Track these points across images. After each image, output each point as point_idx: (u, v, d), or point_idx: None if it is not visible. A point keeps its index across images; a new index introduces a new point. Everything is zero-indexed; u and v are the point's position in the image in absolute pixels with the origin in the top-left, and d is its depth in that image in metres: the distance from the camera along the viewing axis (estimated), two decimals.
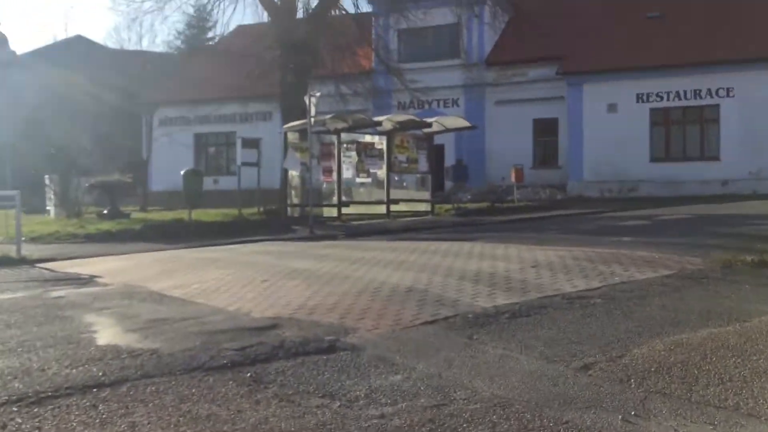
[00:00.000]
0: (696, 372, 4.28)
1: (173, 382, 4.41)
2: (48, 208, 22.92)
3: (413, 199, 20.30)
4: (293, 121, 18.21)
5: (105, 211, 17.76)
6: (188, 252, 12.22)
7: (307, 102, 16.10)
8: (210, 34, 42.22)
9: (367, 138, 19.50)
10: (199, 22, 45.68)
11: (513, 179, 22.27)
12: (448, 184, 27.41)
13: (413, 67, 28.10)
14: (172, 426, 3.67)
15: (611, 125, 27.38)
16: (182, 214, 17.01)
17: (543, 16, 31.08)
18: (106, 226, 15.67)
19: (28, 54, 48.99)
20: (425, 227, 17.08)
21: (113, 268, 10.51)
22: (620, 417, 3.61)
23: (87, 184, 18.23)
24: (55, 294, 8.18)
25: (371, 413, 3.78)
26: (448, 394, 4.04)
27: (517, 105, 29.53)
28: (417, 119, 19.32)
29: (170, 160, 32.05)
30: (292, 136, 18.00)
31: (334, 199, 18.61)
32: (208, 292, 7.63)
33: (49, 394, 4.20)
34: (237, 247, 13.12)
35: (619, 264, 8.18)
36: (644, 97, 27.31)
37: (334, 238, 15.41)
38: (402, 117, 19.41)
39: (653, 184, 26.91)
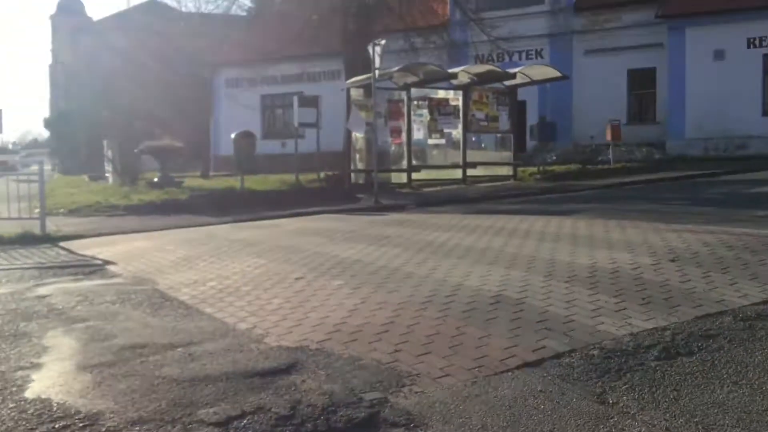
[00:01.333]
0: None
1: None
2: (107, 174, 21.72)
3: (493, 162, 17.83)
4: (357, 76, 16.00)
5: (156, 179, 16.14)
6: (229, 229, 10.32)
7: (371, 52, 13.84)
8: None
9: (441, 94, 17.09)
10: None
11: (609, 137, 19.39)
12: (531, 144, 24.66)
13: (492, 15, 25.19)
14: None
15: (718, 75, 23.87)
16: (237, 182, 15.19)
17: None
18: (152, 195, 14.01)
19: (104, 19, 48.44)
20: (508, 195, 14.67)
21: (135, 249, 8.70)
22: None
23: (135, 150, 16.63)
24: (41, 291, 6.37)
25: None
26: None
27: (609, 54, 26.26)
28: (498, 70, 16.73)
29: (236, 123, 30.37)
30: (356, 93, 15.82)
31: (404, 164, 16.40)
32: (223, 295, 5.63)
33: None
34: (287, 221, 11.13)
35: None
36: (756, 42, 23.61)
37: (401, 209, 13.24)
38: (480, 68, 16.82)
39: (765, 141, 23.40)
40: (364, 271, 6.06)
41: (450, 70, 15.83)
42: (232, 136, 14.54)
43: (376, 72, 13.89)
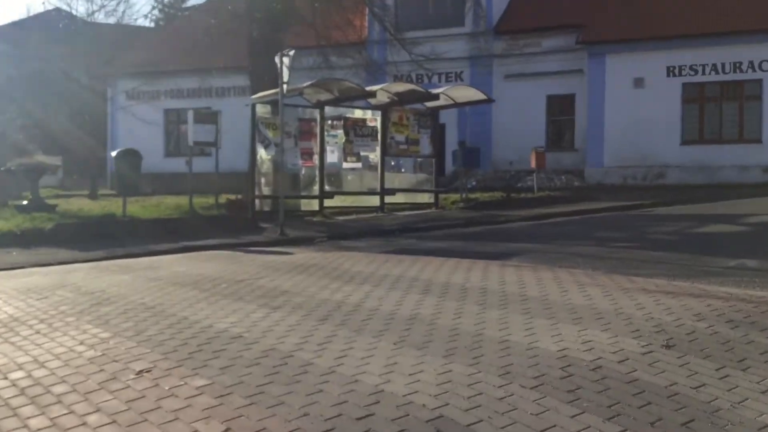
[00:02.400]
0: None
1: None
2: None
3: (413, 189, 16.25)
4: (264, 91, 14.10)
5: (25, 202, 13.65)
6: (90, 272, 8.17)
7: (278, 63, 12.00)
8: (188, 3, 37.78)
9: (358, 113, 15.39)
10: None
11: (533, 164, 18.19)
12: (451, 169, 23.33)
13: (411, 36, 23.79)
14: None
15: (637, 102, 23.33)
16: (124, 205, 12.92)
17: None
18: (12, 223, 11.60)
19: (2, 27, 44.53)
20: (430, 227, 13.08)
21: None
22: None
23: (1, 168, 14.08)
24: None
25: None
26: None
27: (529, 79, 25.40)
28: (420, 90, 15.18)
29: (136, 138, 27.85)
30: (262, 110, 13.91)
31: (316, 189, 14.57)
32: (21, 402, 3.63)
33: None
34: (169, 260, 9.08)
35: None
36: (676, 71, 23.24)
37: (310, 242, 11.40)
38: (401, 86, 15.21)
39: (684, 170, 22.97)
40: (242, 358, 4.18)
41: (368, 88, 14.16)
42: (113, 154, 12.34)
43: (284, 86, 12.05)
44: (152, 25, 41.26)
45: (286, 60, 11.88)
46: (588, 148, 24.20)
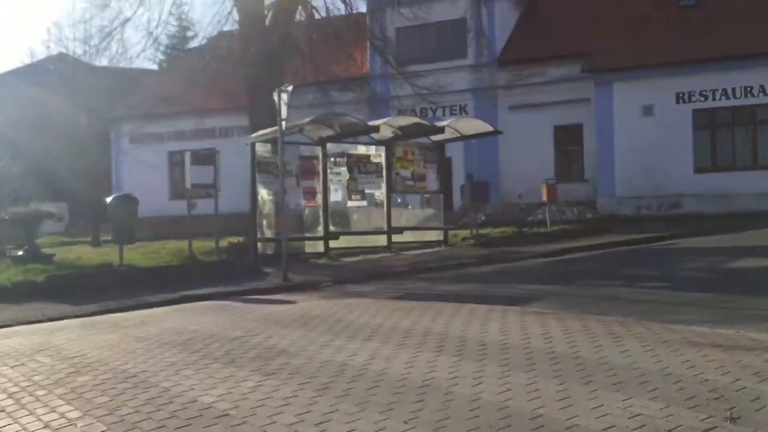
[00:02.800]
0: None
1: None
2: None
3: (421, 227, 15.63)
4: (264, 129, 13.60)
5: (20, 252, 13.08)
6: (76, 330, 7.55)
7: (276, 100, 11.50)
8: (191, 44, 37.75)
9: (361, 149, 14.85)
10: (180, 31, 41.40)
11: (544, 197, 17.55)
12: (459, 204, 22.71)
13: (414, 69, 23.41)
14: None
15: (647, 130, 22.72)
16: (120, 254, 12.31)
17: (560, 9, 26.57)
18: (4, 276, 11.01)
19: (6, 73, 44.63)
20: (441, 267, 12.40)
21: None
22: None
23: None
24: None
25: None
26: None
27: (534, 110, 24.90)
28: (425, 123, 14.62)
29: (142, 182, 27.54)
30: (262, 149, 13.38)
31: (320, 230, 13.97)
32: None
33: None
34: (162, 313, 8.44)
35: None
36: (686, 97, 22.67)
37: (315, 287, 10.75)
38: (405, 120, 14.67)
39: (699, 199, 22.22)
40: None
41: (371, 123, 13.63)
42: (108, 200, 11.80)
43: (283, 123, 11.53)
44: (155, 67, 41.24)
45: (284, 96, 11.38)
46: (599, 179, 23.55)
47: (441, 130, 14.33)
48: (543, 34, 25.43)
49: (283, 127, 11.72)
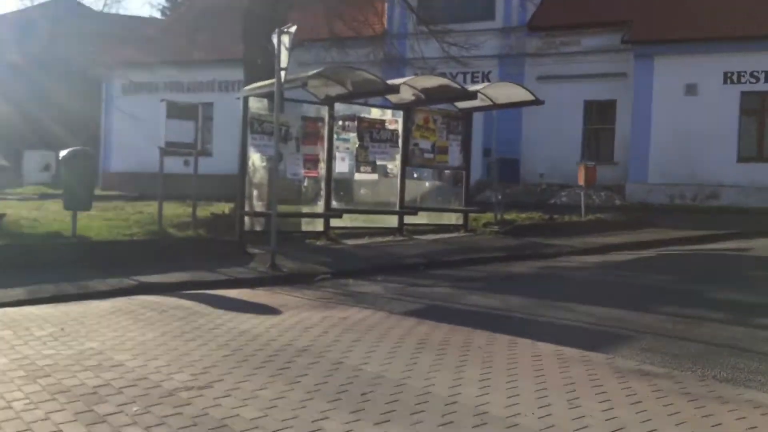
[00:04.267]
0: None
1: None
2: None
3: (439, 208, 13.20)
4: (260, 81, 11.09)
5: None
6: None
7: (275, 44, 9.00)
8: None
9: (375, 113, 12.33)
10: None
11: (581, 181, 15.05)
12: (474, 179, 20.20)
13: (435, 29, 20.80)
14: None
15: (688, 112, 20.17)
16: (73, 223, 9.90)
17: None
18: None
19: (7, 15, 41.79)
20: (463, 260, 10.03)
21: None
22: None
23: None
24: None
25: None
26: None
27: (564, 82, 22.28)
28: (454, 85, 11.99)
29: (134, 135, 24.98)
30: (257, 105, 10.89)
31: (320, 205, 11.56)
32: None
33: None
34: (98, 311, 6.06)
35: None
36: (734, 77, 20.06)
37: (308, 281, 8.42)
38: (430, 80, 12.01)
39: (740, 191, 19.79)
40: None
41: (390, 81, 11.08)
42: (61, 155, 9.37)
43: (282, 74, 9.05)
44: (159, 14, 38.47)
45: (285, 39, 8.89)
46: (631, 162, 21.06)
47: (473, 95, 11.78)
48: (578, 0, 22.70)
49: (282, 79, 9.24)
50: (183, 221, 11.20)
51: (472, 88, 12.20)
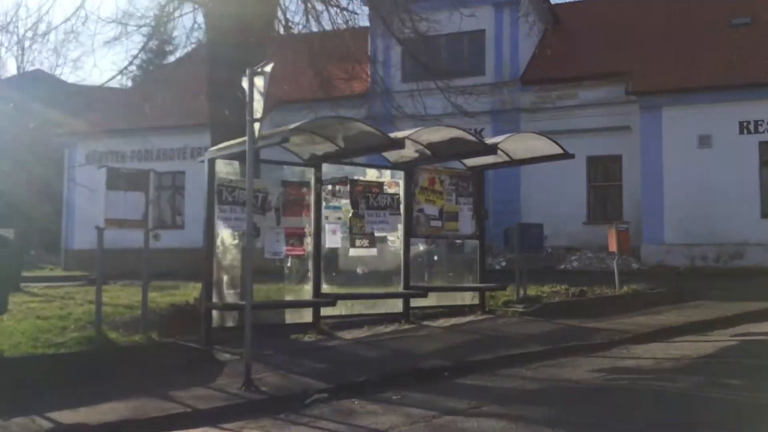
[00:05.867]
0: None
1: None
2: None
3: (452, 287, 10.81)
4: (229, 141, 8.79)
5: None
6: None
7: (246, 88, 6.76)
8: (169, 59, 33.02)
9: (371, 174, 10.05)
10: (160, 45, 36.70)
11: (612, 247, 12.76)
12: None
13: (422, 87, 18.89)
14: None
15: (704, 166, 18.28)
16: (12, 323, 7.29)
17: (592, 24, 22.32)
18: None
19: None
20: (494, 361, 7.57)
21: None
22: None
23: None
24: None
25: None
26: None
27: (563, 137, 19.70)
28: (469, 137, 9.64)
29: (97, 209, 22.36)
30: (226, 169, 8.57)
31: (307, 289, 9.14)
32: None
33: None
34: None
35: None
36: (750, 127, 18.28)
37: (294, 405, 5.95)
38: (438, 132, 9.56)
39: (766, 249, 17.75)
40: None
41: (392, 135, 8.80)
42: None
43: (256, 126, 6.78)
44: (130, 83, 36.50)
45: (258, 82, 6.65)
46: (644, 222, 18.97)
47: (492, 149, 9.52)
48: (574, 51, 21.08)
49: (257, 134, 6.96)
50: (134, 318, 8.66)
51: (491, 140, 9.98)
